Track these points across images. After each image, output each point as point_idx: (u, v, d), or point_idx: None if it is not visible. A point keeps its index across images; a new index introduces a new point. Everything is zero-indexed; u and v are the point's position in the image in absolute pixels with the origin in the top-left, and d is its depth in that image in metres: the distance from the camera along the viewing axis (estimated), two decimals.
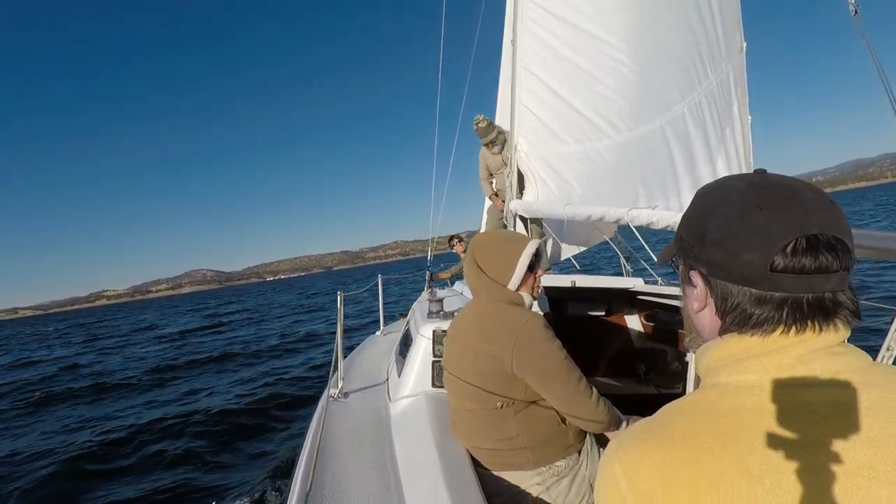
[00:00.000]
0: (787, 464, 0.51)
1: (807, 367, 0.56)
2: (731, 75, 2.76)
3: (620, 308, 3.88)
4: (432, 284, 4.88)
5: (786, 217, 0.57)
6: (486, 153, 4.59)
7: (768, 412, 0.54)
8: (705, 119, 2.83)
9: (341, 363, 2.70)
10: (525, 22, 3.33)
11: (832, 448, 0.51)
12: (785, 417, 0.54)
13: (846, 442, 0.51)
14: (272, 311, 27.47)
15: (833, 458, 0.51)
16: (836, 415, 0.53)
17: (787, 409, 0.54)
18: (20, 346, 28.89)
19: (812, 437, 0.52)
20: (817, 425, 0.53)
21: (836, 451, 0.51)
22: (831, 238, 0.56)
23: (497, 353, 1.48)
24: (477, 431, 1.57)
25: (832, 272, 0.56)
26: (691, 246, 0.65)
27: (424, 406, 2.11)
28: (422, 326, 2.40)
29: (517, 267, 1.56)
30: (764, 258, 0.57)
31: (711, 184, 0.68)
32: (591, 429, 1.54)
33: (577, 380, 1.47)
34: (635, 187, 3.06)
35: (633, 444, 0.59)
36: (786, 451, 0.52)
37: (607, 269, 12.12)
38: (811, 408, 0.54)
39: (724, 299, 0.62)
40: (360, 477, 1.79)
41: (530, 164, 3.52)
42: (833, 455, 0.51)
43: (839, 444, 0.51)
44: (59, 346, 25.46)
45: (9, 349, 27.72)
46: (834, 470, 0.50)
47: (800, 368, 0.57)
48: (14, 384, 12.54)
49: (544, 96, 3.43)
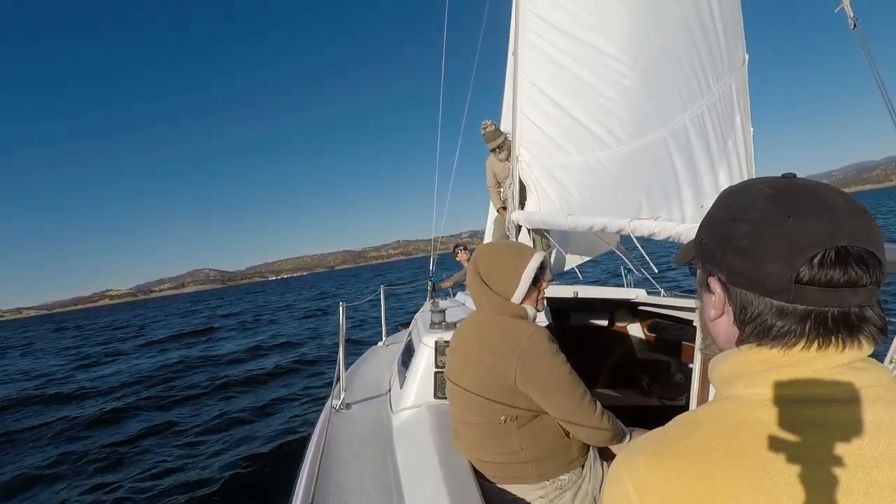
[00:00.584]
0: (804, 482, 0.49)
1: (827, 383, 0.54)
2: (734, 87, 2.77)
3: (623, 319, 3.87)
4: (434, 294, 4.87)
5: (814, 226, 0.53)
6: (493, 161, 4.58)
7: (785, 428, 0.52)
8: (708, 130, 2.84)
9: (343, 374, 2.69)
10: (526, 34, 3.36)
11: (854, 467, 0.49)
12: (803, 434, 0.52)
13: (867, 461, 0.49)
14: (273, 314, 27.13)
15: (853, 478, 0.49)
16: (856, 432, 0.51)
17: (805, 425, 0.52)
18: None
19: (833, 455, 0.50)
20: (835, 442, 0.51)
21: (856, 470, 0.49)
22: (862, 251, 0.53)
23: (500, 367, 1.47)
24: (479, 444, 1.56)
25: (861, 286, 0.53)
26: (712, 251, 0.62)
27: (427, 417, 2.10)
28: (424, 337, 2.39)
29: (521, 280, 1.55)
30: (789, 269, 0.54)
31: (736, 186, 0.64)
32: (595, 442, 1.53)
33: (581, 394, 1.46)
34: (637, 198, 3.07)
35: (644, 455, 0.57)
36: (805, 470, 0.50)
37: (609, 281, 12.09)
38: (830, 424, 0.52)
39: (743, 308, 0.59)
40: (363, 488, 1.78)
41: (532, 175, 3.53)
42: (853, 474, 0.49)
43: (859, 463, 0.49)
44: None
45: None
46: (854, 490, 0.49)
47: (819, 383, 0.54)
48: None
49: (546, 107, 3.45)
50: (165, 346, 18.53)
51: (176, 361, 13.53)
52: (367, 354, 4.06)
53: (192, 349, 16.23)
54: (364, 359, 3.90)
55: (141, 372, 12.66)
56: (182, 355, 14.63)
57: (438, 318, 2.53)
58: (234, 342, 16.81)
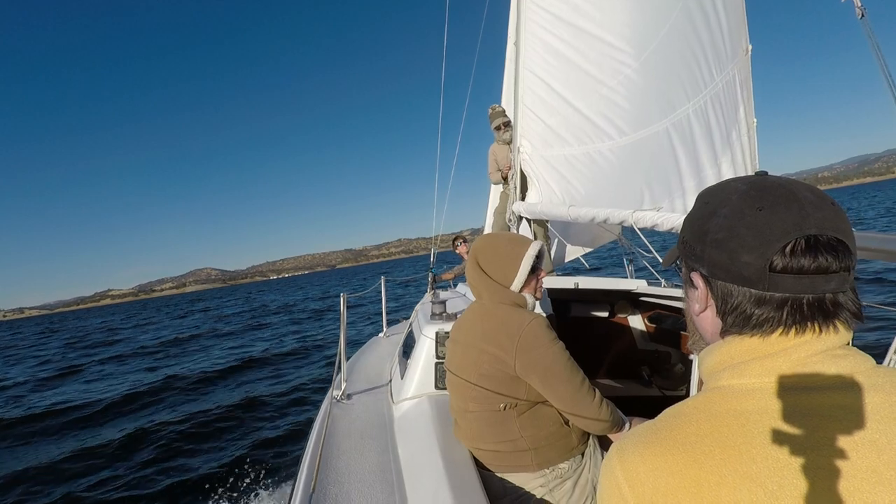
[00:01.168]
0: (788, 468, 0.51)
1: (809, 370, 0.56)
2: (737, 77, 2.75)
3: (623, 310, 3.87)
4: (435, 286, 4.87)
5: (784, 217, 0.57)
6: (496, 150, 4.53)
7: (770, 416, 0.54)
8: (710, 121, 2.82)
9: (344, 365, 2.70)
10: (528, 24, 3.34)
11: (834, 452, 0.51)
12: (787, 421, 0.54)
13: (849, 446, 0.51)
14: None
15: (835, 462, 0.51)
16: (838, 418, 0.53)
17: (788, 412, 0.54)
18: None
19: (814, 441, 0.52)
20: (819, 429, 0.52)
21: (839, 454, 0.51)
22: (831, 239, 0.56)
23: (500, 356, 1.48)
24: (479, 433, 1.56)
25: (832, 273, 0.56)
26: (693, 247, 0.65)
27: (427, 408, 2.11)
28: (425, 328, 2.40)
29: (520, 269, 1.57)
30: (762, 258, 0.57)
31: (713, 186, 0.68)
32: (594, 430, 1.54)
33: (580, 381, 1.47)
34: (640, 189, 3.05)
35: (634, 446, 0.59)
36: (787, 455, 0.51)
37: (610, 272, 12.08)
38: (813, 411, 0.54)
39: (724, 300, 0.62)
40: (364, 479, 1.78)
41: (533, 166, 3.52)
42: (835, 459, 0.51)
43: (841, 448, 0.51)
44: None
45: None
46: (836, 474, 0.50)
47: (802, 371, 0.56)
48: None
49: (548, 99, 3.43)
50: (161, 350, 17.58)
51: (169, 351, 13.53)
52: (368, 345, 4.07)
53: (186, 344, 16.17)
54: (365, 349, 3.91)
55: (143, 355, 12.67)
56: (177, 351, 14.59)
57: (439, 308, 2.53)
58: (234, 340, 16.76)
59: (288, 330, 17.23)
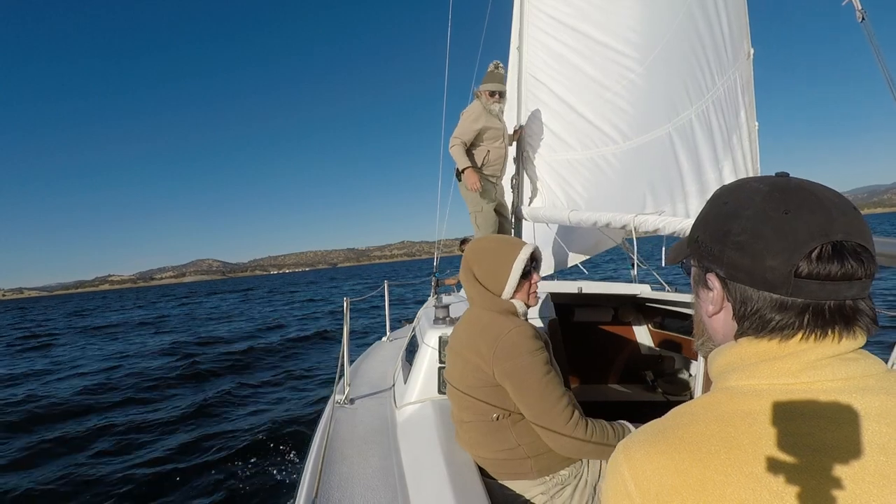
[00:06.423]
0: (794, 469, 0.51)
1: (818, 373, 0.56)
2: (739, 81, 2.75)
3: (627, 315, 3.86)
4: (438, 290, 4.87)
5: (810, 221, 0.55)
6: (479, 111, 3.55)
7: (777, 417, 0.54)
8: (712, 125, 2.82)
9: (347, 369, 2.70)
10: (531, 29, 3.35)
11: (841, 454, 0.51)
12: (793, 422, 0.53)
13: (856, 448, 0.51)
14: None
15: (842, 464, 0.50)
16: (846, 421, 0.52)
17: (795, 414, 0.54)
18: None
19: (821, 443, 0.51)
20: (827, 431, 0.52)
21: (845, 457, 0.51)
22: (856, 245, 0.55)
23: (479, 364, 1.45)
24: (478, 442, 1.55)
25: (856, 279, 0.55)
26: (710, 248, 0.63)
27: (430, 413, 2.11)
28: (427, 333, 2.40)
29: (510, 275, 1.52)
30: (788, 263, 0.55)
31: (731, 185, 0.66)
32: (565, 452, 1.44)
33: (556, 397, 1.40)
34: (642, 193, 3.05)
35: (641, 445, 0.59)
36: (793, 456, 0.51)
37: (609, 274, 12.04)
38: (821, 413, 0.53)
39: (742, 303, 0.61)
40: (366, 483, 1.78)
41: (536, 171, 3.52)
42: (842, 461, 0.50)
43: (848, 451, 0.51)
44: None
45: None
46: (842, 476, 0.50)
47: (811, 373, 0.56)
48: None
49: (551, 103, 3.43)
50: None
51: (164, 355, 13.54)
52: (371, 349, 4.07)
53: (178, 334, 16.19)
54: (368, 354, 3.91)
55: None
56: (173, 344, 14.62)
57: (442, 313, 2.53)
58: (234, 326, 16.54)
59: (290, 327, 17.21)
